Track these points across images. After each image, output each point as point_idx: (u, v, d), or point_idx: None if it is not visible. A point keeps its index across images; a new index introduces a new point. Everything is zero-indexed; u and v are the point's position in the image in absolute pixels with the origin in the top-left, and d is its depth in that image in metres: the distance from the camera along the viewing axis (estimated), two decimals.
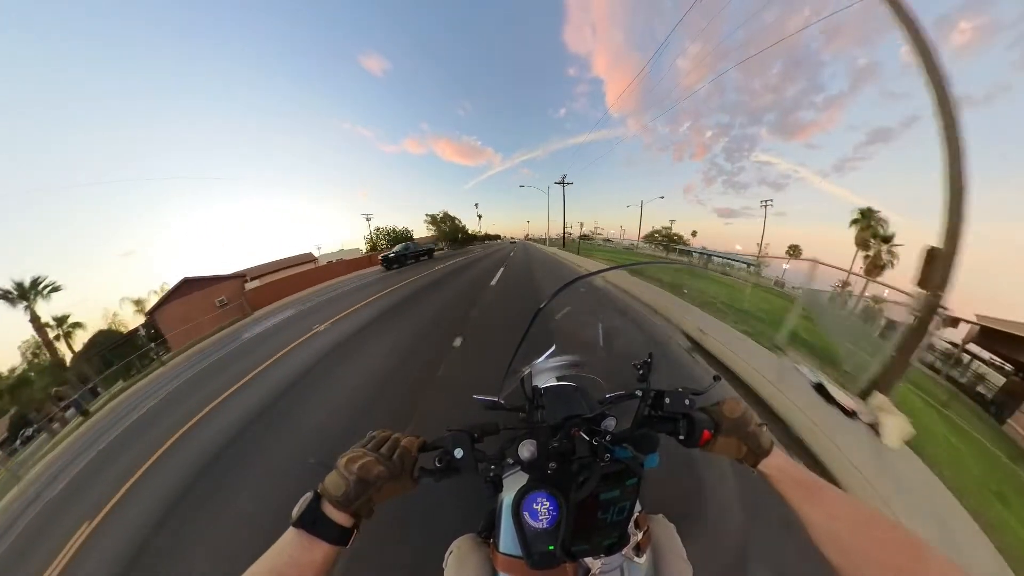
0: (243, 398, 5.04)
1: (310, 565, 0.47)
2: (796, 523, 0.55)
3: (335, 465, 0.56)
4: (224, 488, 3.04)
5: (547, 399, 0.90)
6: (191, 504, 2.95)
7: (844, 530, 0.49)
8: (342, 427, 3.48)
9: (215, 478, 3.23)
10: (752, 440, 0.64)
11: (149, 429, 5.31)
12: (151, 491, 3.40)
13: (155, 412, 6.14)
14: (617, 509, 0.64)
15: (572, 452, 0.64)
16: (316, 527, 0.50)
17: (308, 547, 0.48)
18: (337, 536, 0.50)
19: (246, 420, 4.19)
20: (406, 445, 0.60)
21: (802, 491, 0.57)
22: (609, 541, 0.66)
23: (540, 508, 0.60)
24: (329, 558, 0.49)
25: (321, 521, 0.50)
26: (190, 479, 3.31)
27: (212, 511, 2.79)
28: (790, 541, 1.74)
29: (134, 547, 2.68)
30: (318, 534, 0.49)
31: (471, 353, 4.75)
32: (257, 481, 3.00)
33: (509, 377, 1.01)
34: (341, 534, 0.51)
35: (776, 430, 2.78)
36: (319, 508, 0.51)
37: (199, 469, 3.45)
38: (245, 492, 2.91)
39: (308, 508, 0.51)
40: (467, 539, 0.86)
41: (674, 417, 0.69)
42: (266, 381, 5.41)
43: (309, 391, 4.54)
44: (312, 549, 0.48)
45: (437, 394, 3.68)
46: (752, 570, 1.72)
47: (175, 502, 3.03)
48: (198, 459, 3.65)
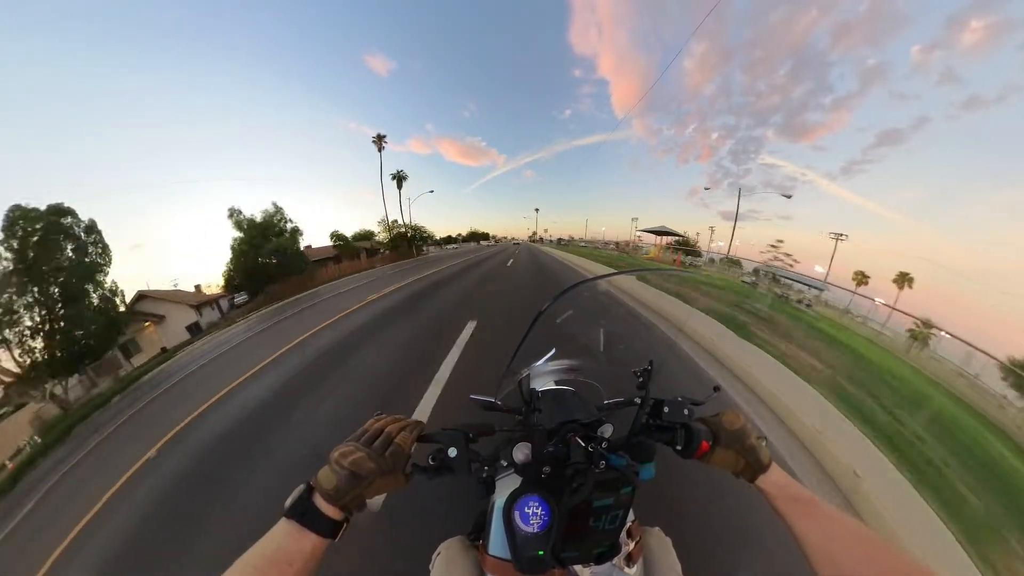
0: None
1: (299, 555, 0.48)
2: (793, 542, 0.54)
3: (328, 458, 0.56)
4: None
5: (544, 402, 0.89)
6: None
7: (842, 552, 0.48)
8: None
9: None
10: (751, 454, 0.63)
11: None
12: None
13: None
14: (610, 517, 0.64)
15: (567, 457, 0.64)
16: (306, 519, 0.50)
17: (298, 538, 0.49)
18: (327, 529, 0.51)
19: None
20: (400, 441, 0.59)
21: (799, 509, 0.56)
22: (600, 550, 0.65)
23: (531, 512, 0.59)
24: (318, 550, 0.50)
25: (312, 513, 0.51)
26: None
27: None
28: (787, 561, 1.72)
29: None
30: (308, 526, 0.50)
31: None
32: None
33: (507, 378, 1.00)
34: (331, 527, 0.51)
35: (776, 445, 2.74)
36: (310, 500, 0.52)
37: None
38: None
39: (299, 499, 0.52)
40: (455, 541, 0.85)
41: (672, 427, 0.68)
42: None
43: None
44: (301, 540, 0.49)
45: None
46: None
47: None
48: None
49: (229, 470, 3.11)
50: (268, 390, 4.66)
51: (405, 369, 4.29)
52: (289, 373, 5.06)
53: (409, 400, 3.34)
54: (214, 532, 2.42)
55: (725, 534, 1.94)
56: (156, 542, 2.61)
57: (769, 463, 0.63)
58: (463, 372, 3.92)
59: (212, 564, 2.94)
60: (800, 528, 0.53)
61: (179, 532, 2.59)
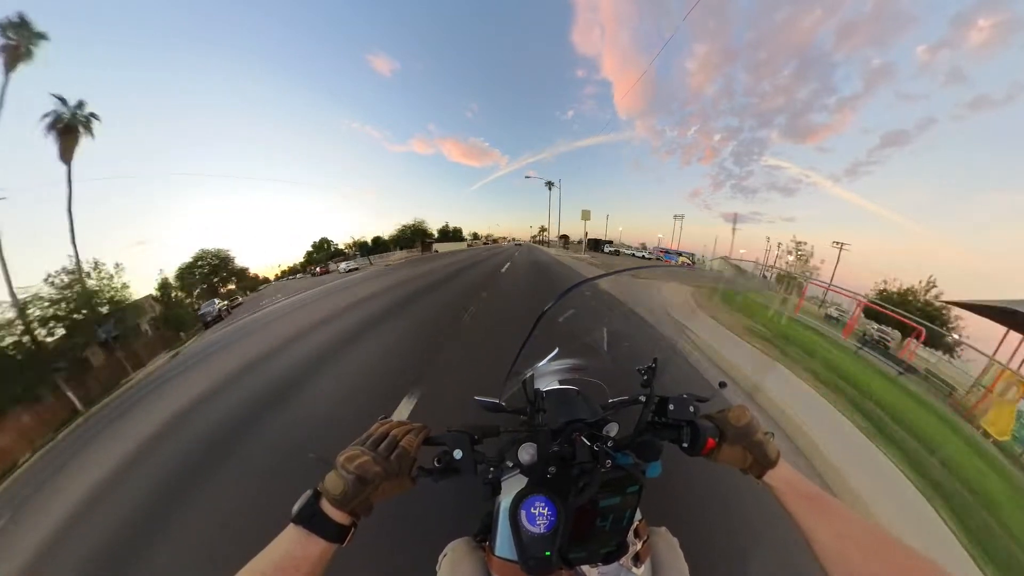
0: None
1: (306, 561, 0.48)
2: (802, 540, 0.53)
3: (334, 463, 0.56)
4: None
5: (549, 402, 0.89)
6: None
7: (854, 551, 0.47)
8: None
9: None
10: (758, 450, 0.62)
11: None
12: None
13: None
14: (616, 517, 0.63)
15: (572, 457, 0.63)
16: (314, 524, 0.50)
17: (305, 543, 0.49)
18: (334, 534, 0.51)
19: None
20: (405, 444, 0.59)
21: (809, 506, 0.55)
22: (607, 549, 0.65)
23: (538, 512, 0.59)
24: (326, 555, 0.50)
25: (319, 518, 0.51)
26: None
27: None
28: (797, 559, 1.70)
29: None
30: (316, 531, 0.50)
31: None
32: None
33: (511, 379, 1.00)
34: (338, 532, 0.51)
35: (785, 441, 2.72)
36: (317, 505, 0.52)
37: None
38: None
39: (307, 505, 0.52)
40: (462, 542, 0.85)
41: (678, 424, 0.68)
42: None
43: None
44: (309, 545, 0.49)
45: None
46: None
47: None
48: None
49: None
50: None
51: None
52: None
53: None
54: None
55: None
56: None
57: (777, 459, 0.62)
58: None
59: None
60: (810, 525, 0.53)
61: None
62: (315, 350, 6.20)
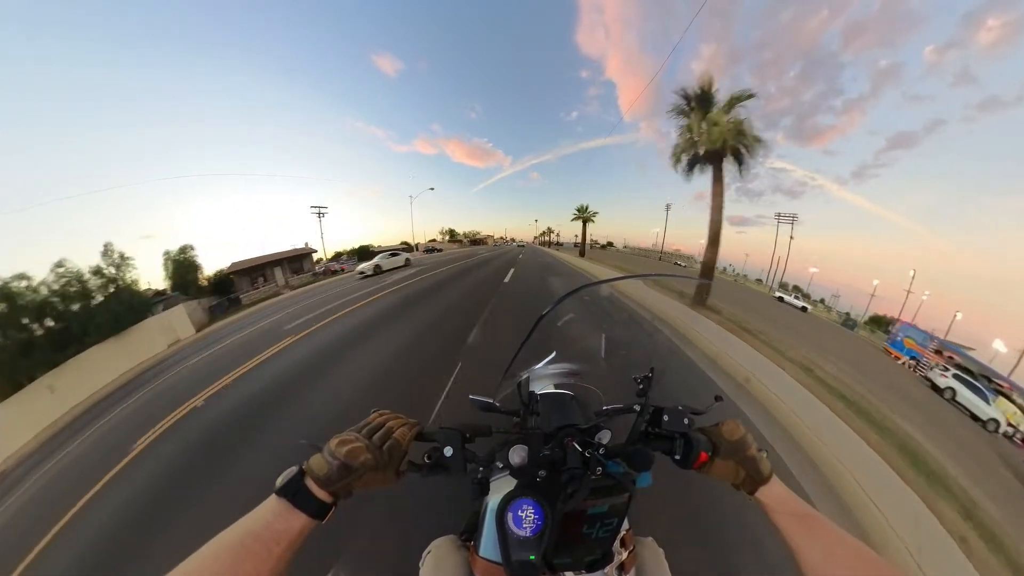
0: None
1: (285, 533, 0.48)
2: (789, 558, 0.53)
3: (325, 445, 0.56)
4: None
5: (543, 406, 0.89)
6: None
7: (841, 571, 0.47)
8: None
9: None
10: (750, 465, 0.62)
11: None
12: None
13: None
14: (604, 525, 0.63)
15: (563, 462, 0.63)
16: (298, 499, 0.51)
17: (286, 516, 0.50)
18: (316, 510, 0.52)
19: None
20: (398, 436, 0.60)
21: (799, 525, 0.55)
22: (592, 557, 0.64)
23: (525, 515, 0.59)
24: (305, 529, 0.51)
25: (302, 494, 0.52)
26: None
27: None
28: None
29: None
30: (298, 505, 0.51)
31: None
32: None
33: (506, 380, 1.00)
34: (320, 509, 0.52)
35: (779, 457, 2.71)
36: (302, 482, 0.53)
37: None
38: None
39: (292, 480, 0.52)
40: (446, 540, 0.84)
41: (671, 435, 0.67)
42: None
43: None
44: (289, 518, 0.50)
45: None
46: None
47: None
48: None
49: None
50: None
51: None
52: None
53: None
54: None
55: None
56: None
57: (770, 475, 0.62)
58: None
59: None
60: (799, 544, 0.52)
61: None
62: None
